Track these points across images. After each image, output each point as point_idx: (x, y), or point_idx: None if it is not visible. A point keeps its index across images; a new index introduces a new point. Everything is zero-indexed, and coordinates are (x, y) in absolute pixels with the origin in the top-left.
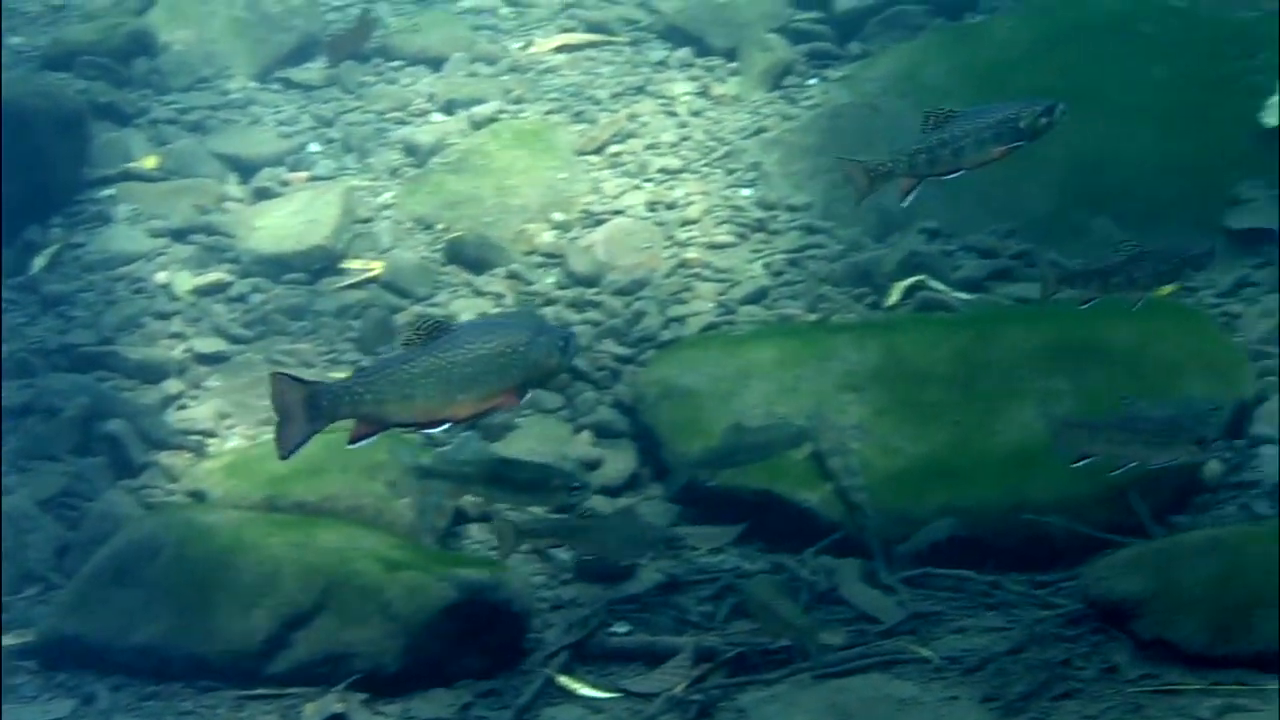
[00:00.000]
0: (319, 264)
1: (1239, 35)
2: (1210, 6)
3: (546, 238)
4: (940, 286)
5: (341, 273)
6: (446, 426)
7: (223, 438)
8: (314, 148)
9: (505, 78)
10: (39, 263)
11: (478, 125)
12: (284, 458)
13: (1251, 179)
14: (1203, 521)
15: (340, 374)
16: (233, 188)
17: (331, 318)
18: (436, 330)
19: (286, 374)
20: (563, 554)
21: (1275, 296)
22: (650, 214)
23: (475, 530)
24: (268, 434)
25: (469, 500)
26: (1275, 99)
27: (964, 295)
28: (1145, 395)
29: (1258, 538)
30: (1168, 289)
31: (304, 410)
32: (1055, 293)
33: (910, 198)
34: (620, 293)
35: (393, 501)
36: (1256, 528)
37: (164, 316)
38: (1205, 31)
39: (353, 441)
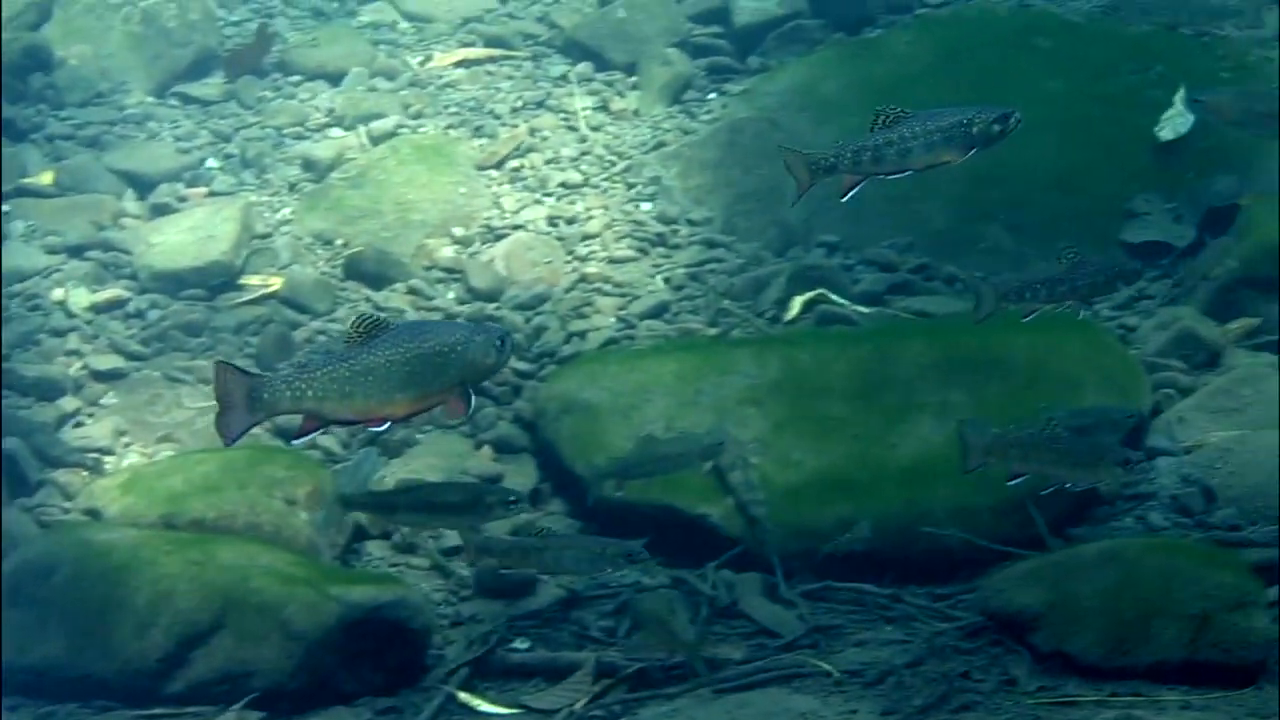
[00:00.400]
0: (217, 280)
1: (1134, 50)
2: (1105, 21)
3: (446, 253)
4: (839, 300)
5: (240, 289)
6: (386, 425)
7: (120, 455)
8: (212, 163)
9: (405, 92)
10: None
11: (377, 140)
12: (228, 445)
13: (1147, 193)
14: (1100, 533)
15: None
16: (130, 204)
17: (230, 334)
18: (375, 328)
19: (229, 364)
20: (463, 570)
21: (1171, 309)
22: (550, 229)
23: (375, 547)
24: (166, 450)
25: (403, 530)
26: (1170, 113)
27: (863, 309)
28: (1058, 408)
29: (1154, 549)
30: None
31: (245, 401)
32: (993, 311)
33: (850, 194)
34: (521, 308)
35: (290, 517)
36: (1152, 540)
37: (60, 333)
38: (1101, 46)
39: (298, 437)
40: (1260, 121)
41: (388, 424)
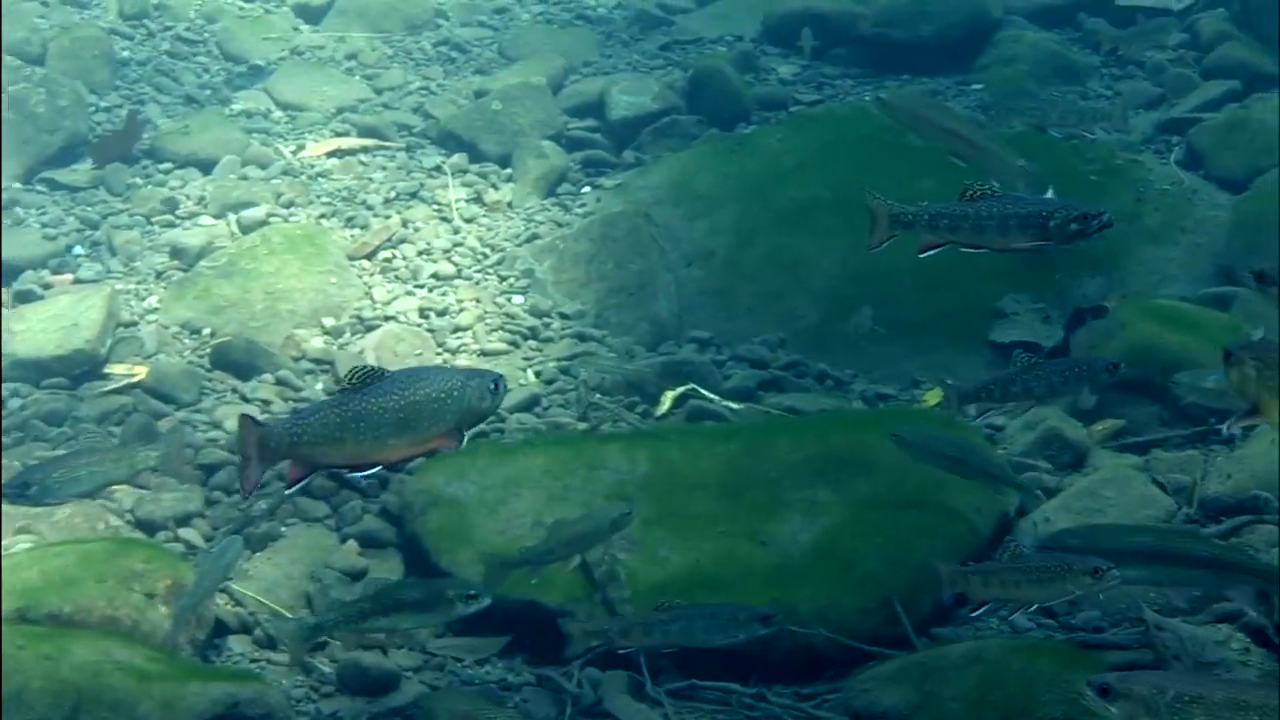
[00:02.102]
0: (81, 369)
1: None
2: (989, 121)
3: (316, 343)
4: (710, 396)
5: (104, 378)
6: (378, 469)
7: None
8: (78, 250)
9: (277, 181)
10: None
11: (248, 229)
12: (248, 494)
13: (1015, 293)
14: (965, 634)
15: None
16: None
17: (93, 423)
18: (370, 377)
19: (251, 418)
20: (325, 666)
21: (1038, 410)
22: (422, 320)
23: (236, 642)
24: (22, 544)
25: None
26: None
27: (734, 405)
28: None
29: (1017, 651)
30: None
31: (257, 450)
32: (958, 411)
33: (928, 253)
34: None
35: (149, 611)
36: (1016, 641)
37: None
38: None
39: (291, 485)
40: (926, 129)
41: (378, 468)
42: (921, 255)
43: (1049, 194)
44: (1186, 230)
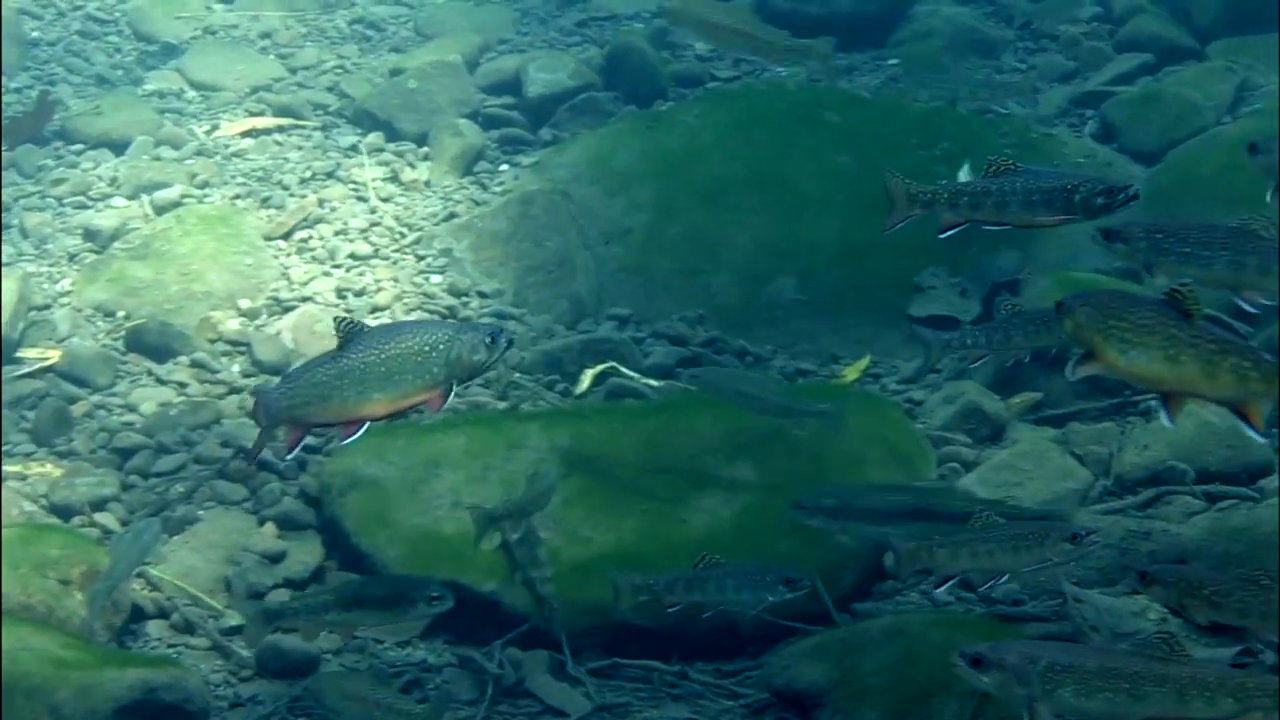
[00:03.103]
0: None
1: (921, 126)
2: (892, 97)
3: (232, 325)
4: (630, 374)
5: (16, 362)
6: (365, 427)
7: None
8: None
9: (191, 162)
10: None
11: (161, 210)
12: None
13: (933, 267)
14: (885, 609)
15: (12, 466)
16: None
17: (6, 408)
18: (353, 331)
19: (265, 388)
20: (243, 650)
21: (956, 384)
22: (339, 300)
23: (154, 627)
24: None
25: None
26: None
27: (654, 382)
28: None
29: (937, 625)
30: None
31: (267, 417)
32: (939, 361)
33: (949, 233)
34: None
35: (64, 598)
36: (936, 615)
37: None
38: (888, 122)
39: (290, 450)
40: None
41: (364, 427)
42: (942, 235)
43: (965, 169)
44: None
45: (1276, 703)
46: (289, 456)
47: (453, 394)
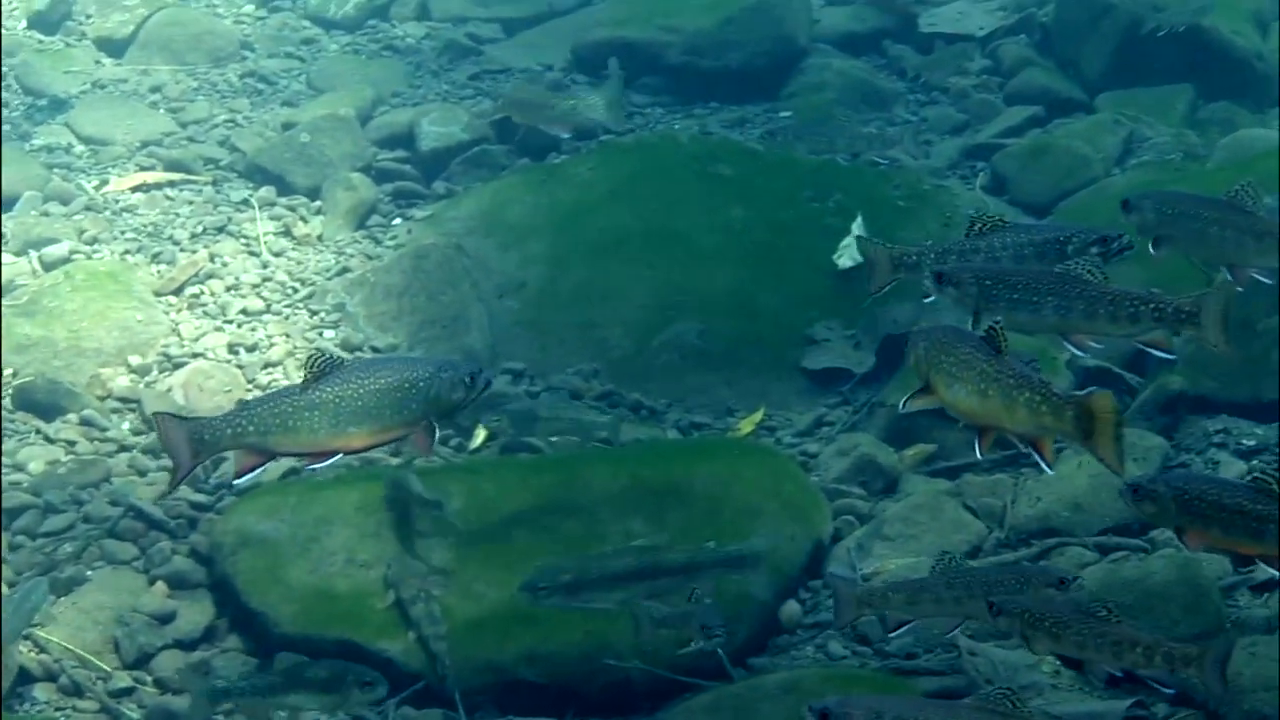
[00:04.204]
0: None
1: (813, 178)
2: (784, 150)
3: (122, 382)
4: None
5: None
6: (338, 458)
7: None
8: None
9: (80, 217)
10: None
11: (50, 266)
12: (173, 487)
13: (827, 319)
14: (780, 663)
15: None
16: None
17: None
18: (328, 366)
19: (167, 413)
20: (132, 712)
21: (850, 436)
22: (231, 356)
23: (41, 690)
24: None
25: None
26: (848, 241)
27: (550, 437)
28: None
29: (831, 680)
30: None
31: (188, 445)
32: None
33: (933, 298)
34: None
35: None
36: (831, 669)
37: None
38: (781, 174)
39: (238, 476)
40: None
41: (337, 456)
42: (926, 301)
43: (858, 221)
44: None
45: None
46: (236, 482)
47: (436, 435)
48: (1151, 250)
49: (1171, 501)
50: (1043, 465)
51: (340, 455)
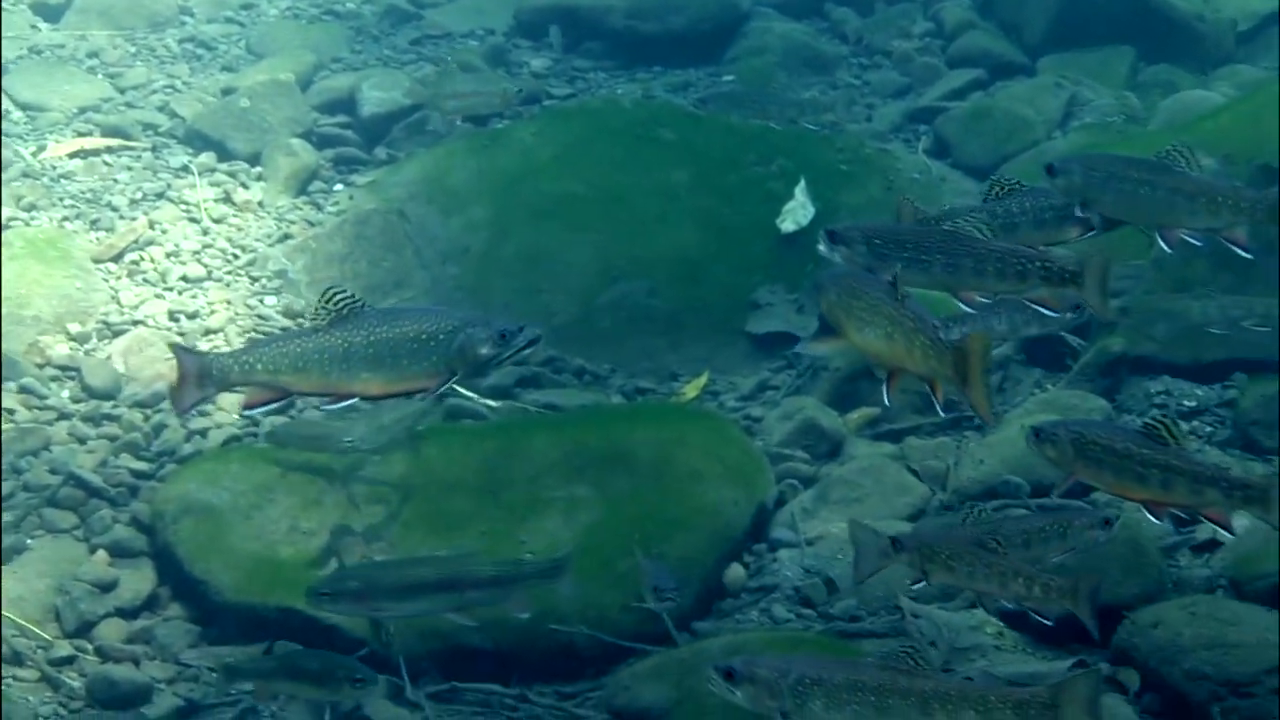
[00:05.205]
0: None
1: (755, 142)
2: (718, 113)
3: (61, 350)
4: (467, 395)
5: None
6: (353, 401)
7: None
8: None
9: (17, 184)
10: None
11: None
12: (180, 414)
13: (770, 284)
14: (725, 627)
15: None
16: None
17: None
18: (349, 308)
19: (184, 346)
20: (73, 680)
21: (795, 400)
22: (172, 324)
23: None
24: None
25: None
26: (791, 205)
27: (492, 403)
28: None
29: (776, 643)
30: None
31: (197, 377)
32: None
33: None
34: (139, 405)
35: None
36: (776, 632)
37: None
38: (724, 139)
39: (246, 408)
40: None
41: (354, 400)
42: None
43: (801, 185)
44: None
45: (1017, 715)
46: (246, 412)
47: (442, 385)
48: (1079, 213)
49: (1069, 445)
50: (938, 408)
51: (356, 400)
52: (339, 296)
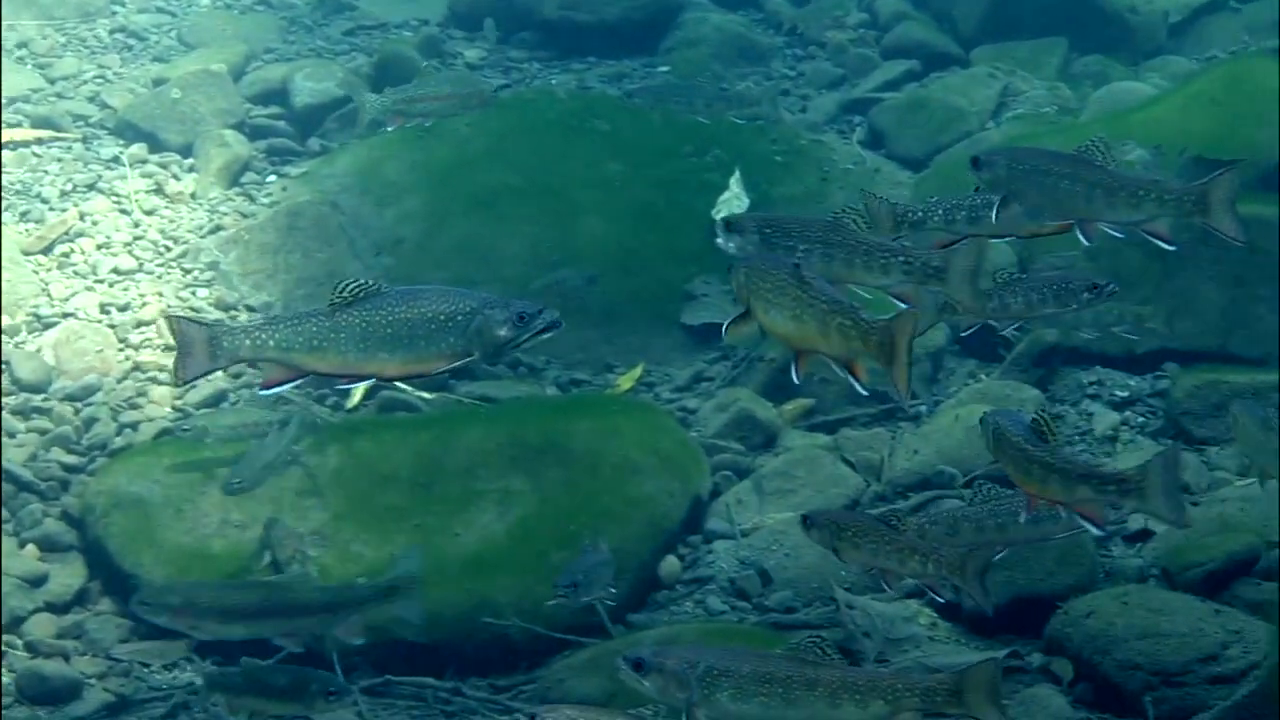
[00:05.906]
0: None
1: (692, 134)
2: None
3: None
4: (402, 387)
5: None
6: (371, 382)
7: None
8: None
9: None
10: None
11: None
12: (179, 386)
13: (705, 275)
14: (660, 619)
15: None
16: None
17: None
18: (364, 291)
19: (184, 316)
20: (4, 677)
21: (730, 391)
22: (103, 316)
23: None
24: None
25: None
26: (726, 196)
27: (426, 395)
28: None
29: (711, 635)
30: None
31: (205, 348)
32: (934, 323)
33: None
34: (70, 399)
35: None
36: (710, 624)
37: None
38: (659, 130)
39: (264, 388)
40: None
41: (372, 380)
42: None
43: (736, 176)
44: None
45: (924, 703)
46: (263, 393)
47: (456, 363)
48: (1000, 208)
49: (992, 437)
50: (858, 388)
51: (373, 380)
52: (354, 286)
